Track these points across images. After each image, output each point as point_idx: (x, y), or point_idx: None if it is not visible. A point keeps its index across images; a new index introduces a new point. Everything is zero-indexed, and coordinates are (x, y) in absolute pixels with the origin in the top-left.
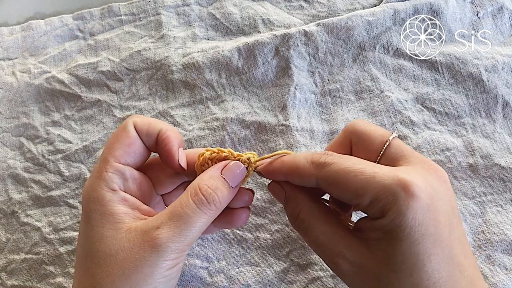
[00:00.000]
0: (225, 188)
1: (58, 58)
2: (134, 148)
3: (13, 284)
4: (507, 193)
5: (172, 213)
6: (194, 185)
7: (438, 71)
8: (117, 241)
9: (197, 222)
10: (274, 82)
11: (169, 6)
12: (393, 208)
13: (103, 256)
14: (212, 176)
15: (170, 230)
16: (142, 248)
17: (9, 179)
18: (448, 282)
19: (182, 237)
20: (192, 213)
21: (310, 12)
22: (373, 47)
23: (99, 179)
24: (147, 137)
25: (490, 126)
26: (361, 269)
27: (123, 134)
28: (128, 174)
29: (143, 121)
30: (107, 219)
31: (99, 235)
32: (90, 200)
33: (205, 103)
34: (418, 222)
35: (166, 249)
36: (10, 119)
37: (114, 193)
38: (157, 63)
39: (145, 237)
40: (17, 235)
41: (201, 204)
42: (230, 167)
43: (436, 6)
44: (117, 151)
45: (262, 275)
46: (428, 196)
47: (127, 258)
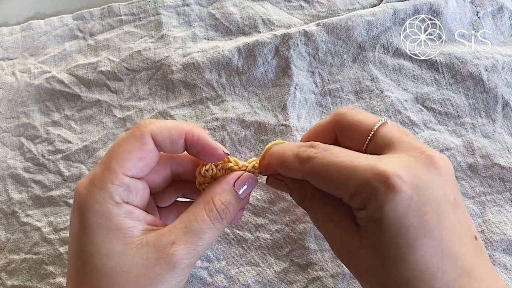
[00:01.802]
0: (236, 202)
1: (58, 58)
2: (146, 162)
3: (13, 284)
4: (507, 192)
5: (188, 229)
6: (208, 199)
7: (438, 71)
8: (129, 257)
9: (210, 238)
10: (274, 82)
11: (169, 6)
12: (372, 202)
13: (113, 274)
14: (225, 190)
15: (187, 247)
16: (158, 265)
17: (9, 179)
18: (436, 273)
19: (198, 253)
20: (208, 229)
21: (310, 12)
22: (373, 47)
23: (101, 190)
24: (173, 146)
25: (490, 126)
26: (352, 253)
27: (137, 145)
28: (133, 187)
29: (163, 131)
30: (114, 234)
31: (106, 251)
32: (91, 213)
33: (205, 103)
34: (399, 214)
35: (183, 266)
36: (10, 119)
37: (119, 207)
38: (157, 63)
39: (160, 254)
40: (17, 235)
41: (215, 220)
42: (242, 180)
43: (436, 6)
44: (126, 162)
45: (262, 275)
46: (411, 187)
47: (141, 275)
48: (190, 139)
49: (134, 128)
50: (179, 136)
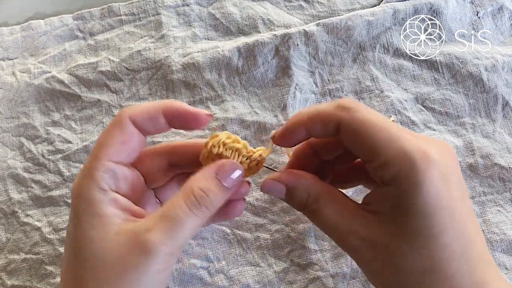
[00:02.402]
0: (218, 189)
1: (58, 58)
2: (129, 145)
3: (13, 284)
4: (507, 192)
5: (163, 215)
6: (187, 186)
7: (438, 71)
8: (106, 244)
9: (189, 224)
10: (274, 82)
11: (169, 6)
12: (408, 177)
13: (91, 260)
14: (205, 177)
15: (162, 233)
16: (132, 252)
17: (9, 179)
18: (461, 257)
19: (174, 239)
20: (184, 215)
21: (310, 12)
22: (373, 47)
23: (89, 178)
24: (153, 123)
25: (490, 125)
26: (373, 244)
27: (117, 130)
28: (120, 173)
29: (141, 111)
30: (96, 221)
31: (87, 238)
32: (79, 200)
33: (205, 103)
34: (433, 195)
35: (157, 252)
36: (10, 119)
37: (105, 194)
38: (157, 63)
39: (136, 240)
40: (17, 235)
41: (193, 207)
42: (225, 169)
43: (436, 6)
44: (109, 148)
45: (262, 275)
46: (444, 168)
47: (116, 262)
48: (169, 112)
49: (115, 116)
50: (157, 112)
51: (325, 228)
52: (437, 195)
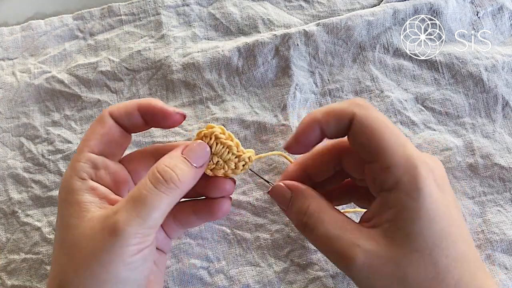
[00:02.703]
0: (185, 166)
1: (58, 58)
2: (109, 137)
3: (13, 284)
4: (507, 192)
5: (130, 196)
6: (153, 167)
7: (438, 71)
8: (80, 229)
9: (156, 202)
10: (274, 82)
11: (169, 6)
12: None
13: (68, 245)
14: (171, 156)
15: (128, 213)
16: (101, 235)
17: (9, 179)
18: (462, 264)
19: (141, 219)
20: (150, 193)
21: (310, 12)
22: (373, 47)
23: (71, 169)
24: (129, 119)
25: (490, 125)
26: (378, 258)
27: (97, 124)
28: (101, 164)
29: (119, 107)
30: (73, 208)
31: (65, 224)
32: (62, 190)
33: (205, 103)
34: (434, 200)
35: (125, 233)
36: (10, 119)
37: (83, 182)
38: (157, 63)
39: (104, 223)
40: (17, 235)
41: (158, 184)
42: (192, 148)
43: (436, 6)
44: (91, 141)
45: (262, 275)
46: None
47: (87, 246)
48: (143, 108)
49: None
50: (133, 108)
51: (326, 243)
52: (437, 200)
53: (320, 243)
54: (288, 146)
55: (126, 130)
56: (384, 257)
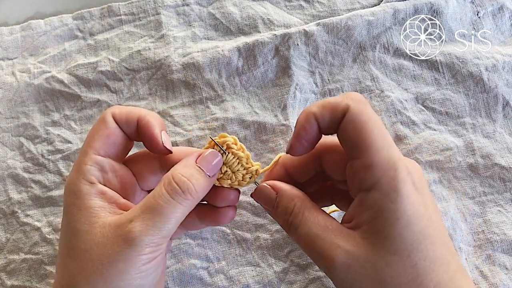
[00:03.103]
0: (201, 176)
1: (58, 58)
2: (114, 138)
3: (13, 284)
4: (507, 192)
5: (145, 205)
6: (168, 174)
7: (438, 71)
8: (91, 236)
9: (172, 213)
10: (274, 82)
11: (169, 6)
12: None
13: (78, 252)
14: (186, 165)
15: (144, 223)
16: (116, 243)
17: (9, 179)
18: (442, 262)
19: (157, 229)
20: (166, 204)
21: (310, 12)
22: (373, 47)
23: (77, 172)
24: (127, 126)
25: (490, 125)
26: (356, 259)
27: (101, 125)
28: (108, 166)
29: (121, 111)
30: (82, 213)
31: (74, 230)
32: (68, 193)
33: (205, 103)
34: (412, 202)
35: (140, 243)
36: (10, 119)
37: (92, 186)
38: (157, 63)
39: (118, 231)
40: (17, 235)
41: (175, 194)
42: (205, 157)
43: (436, 6)
44: (96, 142)
45: (262, 275)
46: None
47: (101, 254)
48: (140, 124)
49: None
50: (133, 118)
51: (308, 242)
52: (414, 202)
53: (302, 242)
54: (291, 147)
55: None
56: (363, 259)
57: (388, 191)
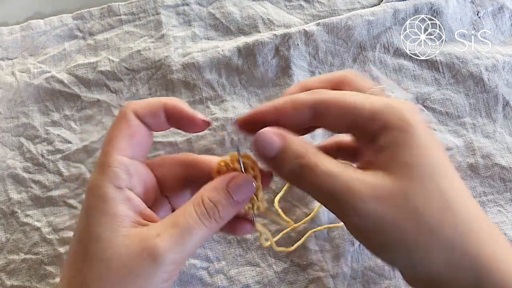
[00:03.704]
0: (228, 202)
1: (58, 58)
2: (138, 138)
3: (13, 284)
4: (508, 193)
5: (175, 222)
6: (198, 195)
7: (438, 71)
8: (113, 245)
9: (198, 234)
10: (274, 82)
11: (168, 5)
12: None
13: (97, 259)
14: (216, 188)
15: (172, 240)
16: (140, 257)
17: (9, 179)
18: (461, 189)
19: (182, 247)
20: (195, 224)
21: (310, 11)
22: (373, 47)
23: (103, 174)
24: (154, 117)
25: (490, 125)
26: (385, 190)
27: (123, 123)
28: (133, 170)
29: (143, 105)
30: (106, 219)
31: (95, 236)
32: (92, 196)
33: (205, 103)
34: (424, 131)
35: (165, 259)
36: (10, 119)
37: (119, 191)
38: (157, 63)
39: (144, 245)
40: (17, 235)
41: (203, 217)
42: (237, 182)
43: (436, 6)
44: (119, 142)
45: (262, 275)
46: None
47: (122, 266)
48: (169, 109)
49: (119, 112)
50: (158, 107)
51: (327, 181)
52: (426, 131)
53: (320, 182)
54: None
55: (150, 128)
56: (392, 189)
57: (401, 126)
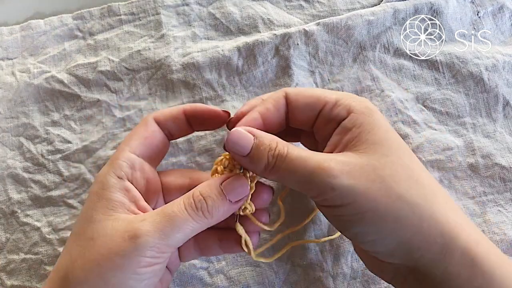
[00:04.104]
0: (219, 199)
1: (58, 58)
2: (151, 140)
3: (13, 284)
4: (508, 192)
5: (161, 210)
6: (191, 191)
7: (438, 71)
8: (102, 226)
9: (183, 225)
10: (274, 82)
11: (168, 5)
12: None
13: (85, 238)
14: (209, 184)
15: (154, 224)
16: (121, 238)
17: (9, 179)
18: (421, 165)
19: (164, 235)
20: (180, 214)
21: (310, 11)
22: (373, 47)
23: (110, 165)
24: (175, 122)
25: (490, 125)
26: (354, 165)
27: (142, 127)
28: (138, 165)
29: (164, 112)
30: (101, 203)
31: (89, 217)
32: (96, 183)
33: (205, 103)
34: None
35: (144, 242)
36: (10, 119)
37: (119, 181)
38: (157, 63)
39: (128, 227)
40: (17, 235)
41: (189, 208)
42: (231, 181)
43: (436, 6)
44: (133, 141)
45: (262, 276)
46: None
47: (104, 244)
48: (189, 111)
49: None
50: (179, 112)
51: (300, 164)
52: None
53: (293, 166)
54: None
55: (168, 136)
56: (360, 163)
57: (362, 110)
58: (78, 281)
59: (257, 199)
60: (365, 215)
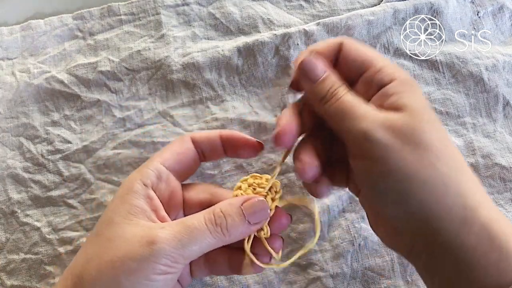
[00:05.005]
0: (238, 219)
1: (58, 58)
2: (183, 157)
3: (13, 284)
4: (508, 192)
5: (181, 221)
6: (212, 207)
7: (438, 71)
8: (121, 229)
9: (201, 238)
10: (274, 82)
11: (168, 5)
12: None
13: (102, 239)
14: (231, 203)
15: (172, 233)
16: (138, 242)
17: (9, 179)
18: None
19: (181, 245)
20: (199, 225)
21: (310, 11)
22: (373, 47)
23: (138, 172)
24: (211, 144)
25: (490, 125)
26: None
27: (177, 142)
28: (164, 177)
29: (202, 133)
30: (124, 207)
31: (109, 220)
32: (122, 187)
33: (205, 103)
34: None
35: (160, 249)
36: (10, 119)
37: (144, 188)
38: (157, 63)
39: (146, 233)
40: (17, 235)
41: (209, 223)
42: (253, 203)
43: (436, 6)
44: (165, 154)
45: (262, 276)
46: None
47: (120, 247)
48: (225, 136)
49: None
50: (215, 136)
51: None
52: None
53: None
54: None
55: (201, 156)
56: (401, 122)
57: (405, 81)
58: (92, 280)
59: (275, 223)
60: (393, 173)
